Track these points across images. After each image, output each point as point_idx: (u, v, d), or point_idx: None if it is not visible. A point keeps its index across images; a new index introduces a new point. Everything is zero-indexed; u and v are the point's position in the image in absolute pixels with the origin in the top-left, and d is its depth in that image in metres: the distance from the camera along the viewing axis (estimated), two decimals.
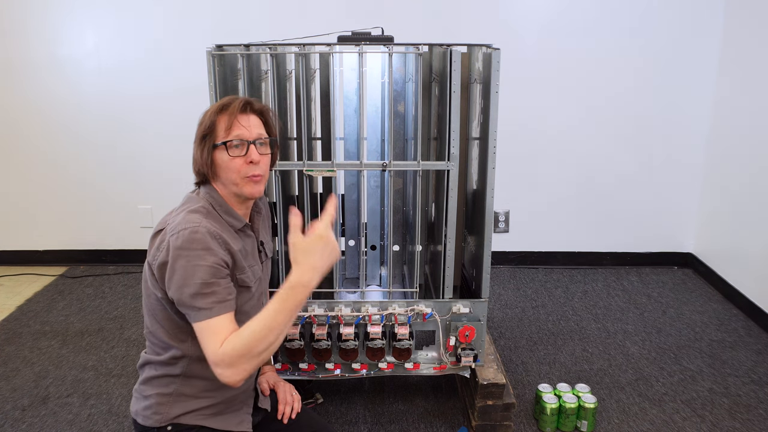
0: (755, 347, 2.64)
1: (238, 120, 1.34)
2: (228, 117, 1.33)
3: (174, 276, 1.25)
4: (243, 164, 1.33)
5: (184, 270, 1.24)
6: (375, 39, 1.96)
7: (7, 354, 2.58)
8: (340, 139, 2.29)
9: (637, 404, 2.23)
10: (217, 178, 1.37)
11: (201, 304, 1.23)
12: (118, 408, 2.20)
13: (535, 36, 3.22)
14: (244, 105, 1.36)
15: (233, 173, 1.34)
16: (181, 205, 1.37)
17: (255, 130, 1.36)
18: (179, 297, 1.25)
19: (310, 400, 2.20)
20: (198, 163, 1.36)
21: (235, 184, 1.35)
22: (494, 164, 1.87)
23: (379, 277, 2.47)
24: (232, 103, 1.35)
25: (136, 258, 3.57)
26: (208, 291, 1.24)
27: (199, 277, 1.23)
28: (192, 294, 1.23)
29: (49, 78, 3.29)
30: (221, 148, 1.33)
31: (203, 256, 1.25)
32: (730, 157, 3.14)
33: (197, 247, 1.25)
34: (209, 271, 1.25)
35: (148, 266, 1.33)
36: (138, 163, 3.42)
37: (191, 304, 1.24)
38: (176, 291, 1.25)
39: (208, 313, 1.23)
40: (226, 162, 1.33)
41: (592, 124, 3.35)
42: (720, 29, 3.19)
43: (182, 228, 1.26)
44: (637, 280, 3.38)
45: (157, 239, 1.30)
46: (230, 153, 1.33)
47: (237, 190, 1.36)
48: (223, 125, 1.33)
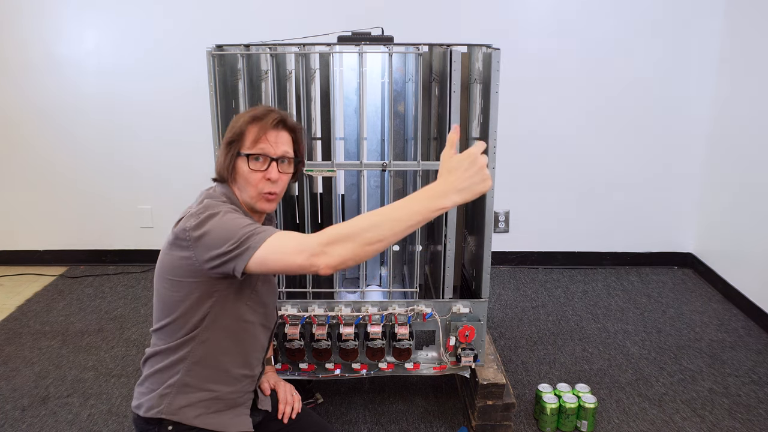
0: (755, 347, 2.64)
1: (267, 135, 1.35)
2: (258, 129, 1.34)
3: (214, 236, 1.23)
4: (261, 179, 1.35)
5: (222, 224, 1.24)
6: (375, 39, 1.96)
7: (7, 354, 2.57)
8: (340, 139, 2.29)
9: (637, 404, 2.23)
10: (235, 183, 1.39)
11: (255, 232, 1.21)
12: (118, 408, 2.20)
13: (535, 36, 3.22)
14: (278, 122, 1.36)
15: (250, 186, 1.36)
16: (199, 197, 1.39)
17: (282, 148, 1.37)
18: (227, 247, 1.21)
19: (310, 400, 2.20)
20: (220, 164, 1.39)
21: (250, 196, 1.37)
22: (494, 164, 1.87)
23: (379, 277, 2.47)
24: (267, 117, 1.36)
25: (136, 258, 3.57)
26: (253, 229, 1.22)
27: (240, 224, 1.23)
28: (241, 236, 1.20)
29: (49, 78, 3.29)
30: (244, 158, 1.35)
31: (235, 216, 1.27)
32: (730, 158, 3.14)
33: (227, 209, 1.28)
34: (246, 222, 1.25)
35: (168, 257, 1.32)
36: (138, 163, 3.42)
37: (243, 236, 1.20)
38: (222, 243, 1.22)
39: (268, 232, 1.21)
40: (245, 173, 1.35)
41: (592, 124, 3.35)
42: (720, 29, 3.19)
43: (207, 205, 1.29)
44: (637, 280, 3.38)
45: (180, 224, 1.30)
46: (251, 166, 1.34)
47: (250, 202, 1.38)
48: (252, 136, 1.34)
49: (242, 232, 1.21)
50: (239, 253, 1.21)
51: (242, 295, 1.36)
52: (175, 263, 1.30)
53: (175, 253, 1.30)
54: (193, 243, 1.26)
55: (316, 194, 2.24)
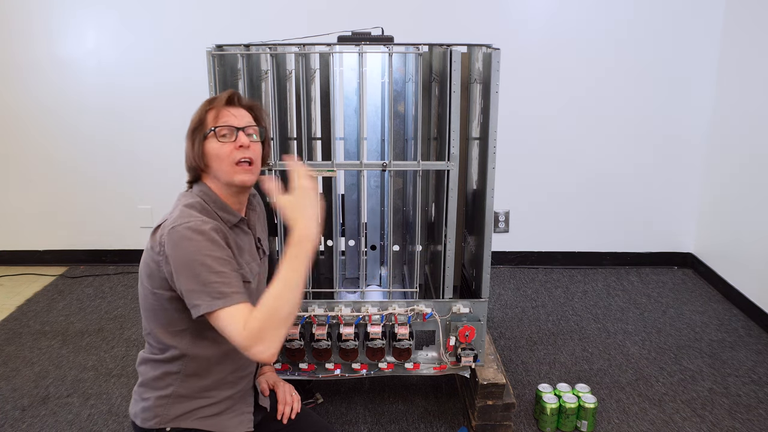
0: (755, 347, 2.64)
1: (226, 110, 1.36)
2: (216, 109, 1.36)
3: (181, 268, 1.22)
4: (233, 149, 1.34)
5: (192, 261, 1.21)
6: (375, 39, 1.96)
7: (7, 354, 2.57)
8: (340, 139, 2.29)
9: (637, 404, 2.23)
10: (209, 172, 1.37)
11: (216, 293, 1.20)
12: (118, 408, 2.20)
13: (535, 36, 3.22)
14: (230, 97, 1.38)
15: (224, 161, 1.33)
16: (176, 202, 1.37)
17: (244, 119, 1.38)
18: (190, 287, 1.21)
19: (310, 400, 2.20)
20: (189, 157, 1.37)
21: (226, 172, 1.34)
22: (494, 164, 1.87)
23: (379, 277, 2.47)
24: (219, 96, 1.38)
25: (136, 258, 3.52)
26: (219, 280, 1.21)
27: (208, 267, 1.21)
28: (204, 282, 1.20)
29: (48, 77, 3.29)
30: (211, 136, 1.34)
31: (209, 247, 1.23)
32: (730, 157, 3.14)
33: (202, 238, 1.24)
34: (218, 261, 1.23)
35: (145, 264, 1.32)
36: (138, 162, 3.42)
37: (204, 292, 1.20)
38: (186, 281, 1.22)
39: (226, 301, 1.20)
40: (216, 149, 1.33)
41: (592, 124, 3.35)
42: (720, 29, 3.19)
43: (183, 222, 1.25)
44: (637, 280, 3.38)
45: (157, 234, 1.29)
46: (219, 139, 1.33)
47: (228, 178, 1.35)
48: (211, 117, 1.36)
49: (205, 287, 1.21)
50: (195, 304, 1.21)
51: None
52: (151, 273, 1.30)
53: (151, 265, 1.30)
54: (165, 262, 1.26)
55: None
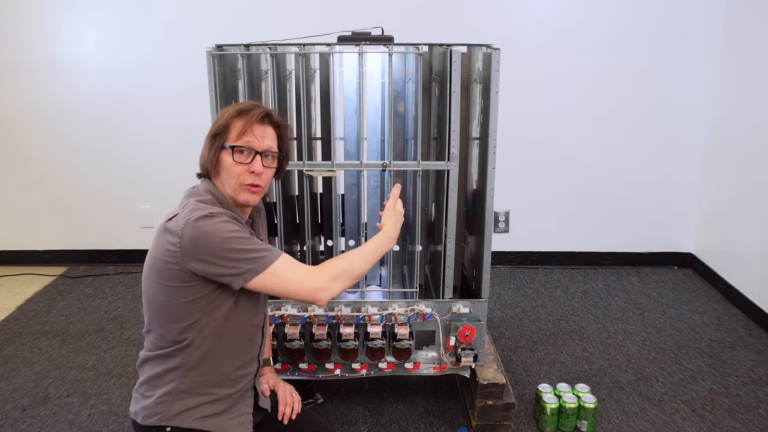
0: (755, 347, 2.64)
1: (252, 128, 1.35)
2: (244, 123, 1.35)
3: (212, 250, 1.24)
4: (244, 172, 1.35)
5: (221, 240, 1.24)
6: (375, 39, 1.96)
7: (7, 354, 2.57)
8: (340, 139, 2.29)
9: (637, 404, 2.23)
10: (218, 177, 1.38)
11: (258, 257, 1.26)
12: (118, 408, 2.20)
13: (535, 36, 3.22)
14: (263, 116, 1.37)
15: (233, 178, 1.35)
16: (185, 197, 1.38)
17: (266, 142, 1.37)
18: (228, 263, 1.24)
19: (310, 400, 2.20)
20: (204, 157, 1.39)
21: (233, 188, 1.36)
22: (494, 164, 1.87)
23: (379, 277, 2.47)
24: (252, 110, 1.36)
25: (136, 258, 3.56)
26: (253, 247, 1.27)
27: (239, 240, 1.26)
28: (241, 251, 1.25)
29: (48, 78, 3.29)
30: (228, 150, 1.34)
31: (232, 227, 1.27)
32: (730, 157, 3.14)
33: (221, 220, 1.27)
34: (244, 237, 1.27)
35: (157, 260, 1.30)
36: (138, 163, 3.42)
37: (245, 260, 1.25)
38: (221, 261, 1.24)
39: (272, 254, 1.28)
40: (229, 165, 1.35)
41: (592, 124, 3.35)
42: (720, 29, 3.19)
43: (200, 213, 1.27)
44: (637, 280, 3.38)
45: (171, 228, 1.28)
46: (235, 158, 1.34)
47: (233, 194, 1.37)
48: (237, 129, 1.34)
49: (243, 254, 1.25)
50: (239, 272, 1.25)
51: (232, 295, 1.35)
52: (164, 267, 1.29)
53: (164, 258, 1.29)
54: (185, 252, 1.25)
55: (316, 194, 2.24)
